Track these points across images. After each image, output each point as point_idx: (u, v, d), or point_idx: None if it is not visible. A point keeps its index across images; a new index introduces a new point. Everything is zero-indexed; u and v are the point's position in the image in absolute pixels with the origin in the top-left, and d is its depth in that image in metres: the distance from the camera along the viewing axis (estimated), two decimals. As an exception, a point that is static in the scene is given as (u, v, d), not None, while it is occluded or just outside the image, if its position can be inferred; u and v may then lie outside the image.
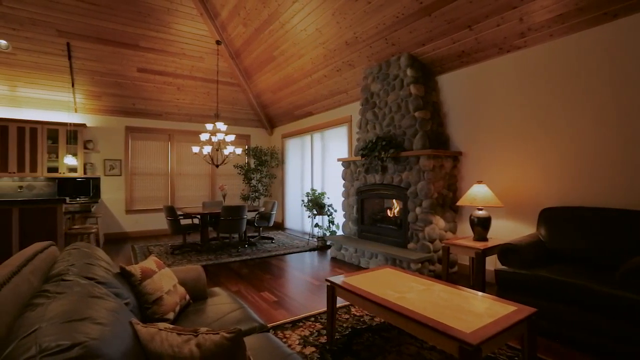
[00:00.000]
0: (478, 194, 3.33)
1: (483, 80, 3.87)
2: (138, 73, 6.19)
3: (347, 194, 5.20)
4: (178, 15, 5.51)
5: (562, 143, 3.21)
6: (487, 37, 3.51)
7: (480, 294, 2.07)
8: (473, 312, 1.79)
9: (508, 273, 2.70)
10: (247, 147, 8.25)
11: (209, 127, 5.48)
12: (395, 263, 4.01)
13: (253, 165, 7.96)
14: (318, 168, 6.85)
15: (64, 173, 6.09)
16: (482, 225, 3.33)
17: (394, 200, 4.53)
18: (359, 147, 4.93)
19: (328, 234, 5.83)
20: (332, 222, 5.81)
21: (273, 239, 6.34)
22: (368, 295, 2.07)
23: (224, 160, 5.81)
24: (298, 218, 7.51)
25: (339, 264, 4.63)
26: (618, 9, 2.75)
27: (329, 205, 5.81)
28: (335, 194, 6.20)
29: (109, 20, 5.26)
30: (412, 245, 4.08)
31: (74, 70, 5.76)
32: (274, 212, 6.03)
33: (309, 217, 6.27)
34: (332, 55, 5.06)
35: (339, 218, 6.02)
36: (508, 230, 3.62)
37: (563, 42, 3.18)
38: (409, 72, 4.18)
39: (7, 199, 3.25)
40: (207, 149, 5.56)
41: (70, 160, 6.12)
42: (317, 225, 5.98)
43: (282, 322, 2.71)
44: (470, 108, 4.01)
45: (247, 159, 8.19)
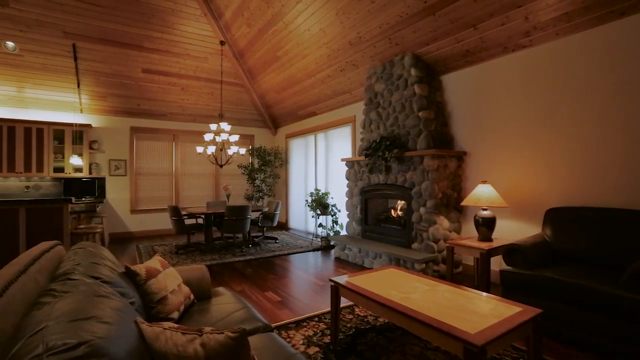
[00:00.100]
0: (482, 194, 3.31)
1: (487, 80, 3.85)
2: (143, 74, 6.23)
3: (350, 194, 5.19)
4: (182, 16, 5.54)
5: (567, 143, 3.19)
6: (491, 36, 3.49)
7: (485, 295, 2.05)
8: (478, 312, 1.78)
9: (513, 273, 2.69)
10: (251, 147, 8.26)
11: (213, 127, 5.50)
12: (399, 263, 4.00)
13: (257, 165, 7.98)
14: (322, 168, 6.84)
15: (70, 173, 6.15)
16: (486, 226, 3.31)
17: (398, 200, 4.52)
18: (363, 147, 4.92)
19: (332, 234, 5.83)
20: (335, 222, 5.81)
21: (277, 239, 6.35)
22: (372, 296, 2.07)
23: (228, 160, 5.83)
24: (302, 218, 7.51)
25: (343, 264, 4.63)
26: (625, 7, 2.72)
27: (333, 205, 5.81)
28: (339, 194, 6.20)
29: (114, 22, 5.29)
30: (416, 246, 4.06)
31: (80, 71, 5.80)
32: (278, 212, 6.03)
33: (313, 217, 6.28)
34: (335, 55, 5.06)
35: (343, 218, 6.02)
36: (513, 231, 3.60)
37: (569, 40, 3.15)
38: (413, 71, 4.17)
39: (14, 199, 3.28)
40: (211, 149, 5.59)
41: (76, 161, 6.17)
42: (320, 225, 5.98)
43: (286, 322, 2.71)
44: (475, 108, 3.99)
45: (251, 159, 8.21)
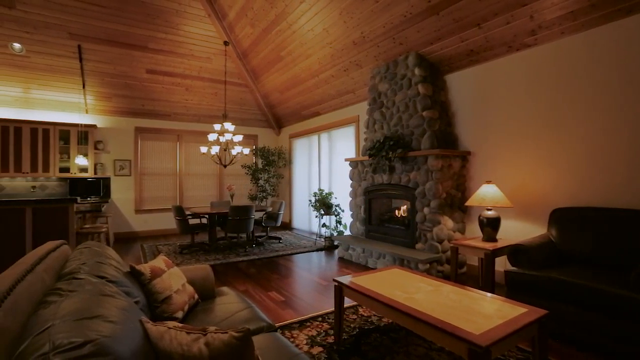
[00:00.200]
0: (487, 194, 3.29)
1: (492, 79, 3.83)
2: (147, 74, 6.26)
3: (354, 194, 5.18)
4: (186, 17, 5.56)
5: (572, 142, 3.16)
6: (496, 35, 3.47)
7: (490, 295, 2.04)
8: (482, 313, 1.77)
9: (518, 274, 2.67)
10: (254, 147, 8.28)
11: (217, 127, 5.51)
12: (403, 263, 3.99)
13: (260, 165, 8.00)
14: (325, 168, 6.84)
15: (75, 173, 6.20)
16: (491, 226, 3.29)
17: (402, 201, 4.51)
18: (367, 147, 4.91)
19: (335, 234, 5.83)
20: (339, 222, 5.80)
21: (280, 239, 6.35)
22: (376, 296, 2.06)
23: (232, 161, 5.84)
24: (305, 218, 7.51)
25: (347, 264, 4.62)
26: (632, 5, 2.69)
27: (337, 205, 5.80)
28: (343, 194, 6.19)
29: (119, 23, 5.33)
30: (420, 246, 4.05)
31: (85, 72, 5.85)
32: (282, 212, 6.04)
33: (317, 217, 6.27)
34: (339, 55, 5.05)
35: (347, 218, 6.01)
36: (518, 231, 3.57)
37: (574, 39, 3.12)
38: (417, 71, 4.15)
39: (21, 199, 3.31)
40: (215, 149, 5.60)
41: (81, 161, 6.22)
42: (324, 225, 5.98)
43: (289, 321, 2.71)
44: (479, 107, 3.97)
45: (254, 159, 8.22)
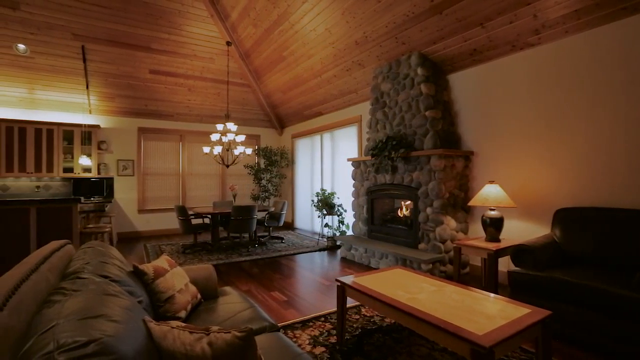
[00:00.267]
0: (490, 194, 3.28)
1: (495, 79, 3.81)
2: (150, 75, 6.29)
3: (357, 194, 5.18)
4: (189, 17, 5.58)
5: (576, 142, 3.14)
6: (499, 34, 3.46)
7: (493, 296, 2.03)
8: (485, 313, 1.76)
9: (521, 274, 2.66)
10: (257, 147, 8.29)
11: (220, 127, 5.52)
12: (406, 263, 3.98)
13: (263, 165, 8.00)
14: (328, 168, 6.84)
15: (79, 173, 6.23)
16: (494, 226, 3.28)
17: (405, 201, 4.50)
18: (369, 146, 4.91)
19: (338, 234, 5.82)
20: (342, 222, 5.80)
21: (283, 239, 6.36)
22: (378, 296, 2.06)
23: (234, 161, 5.85)
24: (308, 218, 7.51)
25: (349, 264, 4.62)
26: (637, 4, 2.67)
27: (339, 205, 5.80)
28: (345, 194, 6.19)
29: (122, 23, 5.35)
30: (422, 246, 4.04)
31: (89, 73, 5.88)
32: (284, 212, 6.05)
33: (319, 217, 6.28)
34: (341, 55, 5.05)
35: (349, 218, 6.00)
36: (521, 231, 3.55)
37: (578, 38, 3.10)
38: (420, 71, 4.14)
39: (25, 199, 3.34)
40: (217, 149, 5.62)
41: (85, 161, 6.25)
42: (327, 225, 5.97)
43: (292, 321, 2.72)
44: (482, 107, 3.96)
45: (257, 159, 8.23)
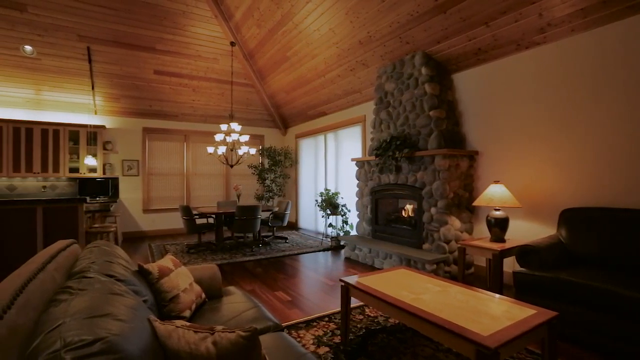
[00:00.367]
0: (495, 194, 3.26)
1: (500, 78, 3.79)
2: (155, 75, 6.32)
3: (361, 194, 5.17)
4: (193, 18, 5.60)
5: (582, 142, 3.11)
6: (504, 33, 3.43)
7: (498, 296, 2.02)
8: (490, 314, 1.75)
9: (527, 275, 2.64)
10: (261, 147, 8.31)
11: (224, 127, 5.54)
12: (410, 264, 3.97)
13: (267, 165, 8.02)
14: (332, 168, 6.84)
15: (85, 173, 6.28)
16: (499, 226, 3.26)
17: (409, 201, 4.49)
18: (373, 146, 4.90)
19: (342, 234, 5.82)
20: (345, 222, 5.80)
21: (287, 239, 6.37)
22: (382, 296, 2.05)
23: (238, 161, 5.87)
24: (312, 218, 7.52)
25: (353, 264, 4.61)
26: (644, 2, 2.64)
27: (343, 205, 5.79)
28: (349, 194, 6.18)
29: (127, 24, 5.39)
30: (427, 246, 4.02)
31: (94, 74, 5.93)
32: (288, 212, 6.05)
33: (323, 217, 6.27)
34: (345, 55, 5.05)
35: (353, 218, 6.00)
36: (526, 232, 3.53)
37: (584, 37, 3.07)
38: (424, 70, 4.13)
39: (32, 199, 3.37)
40: (221, 150, 5.64)
41: (90, 161, 6.30)
42: (330, 225, 5.97)
43: (296, 321, 2.72)
44: (487, 107, 3.93)
45: (261, 159, 8.25)
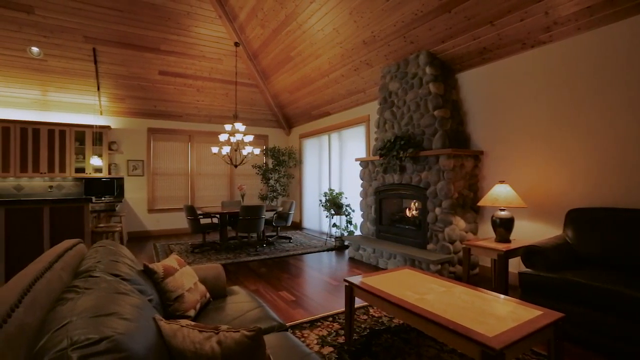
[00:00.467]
0: (500, 194, 3.24)
1: (505, 78, 3.76)
2: (159, 76, 6.36)
3: (365, 194, 5.16)
4: (197, 19, 5.63)
5: (589, 141, 3.08)
6: (509, 32, 3.41)
7: (503, 297, 2.01)
8: (496, 315, 1.74)
9: (532, 276, 2.62)
10: (265, 147, 8.32)
11: (228, 127, 5.56)
12: (414, 264, 3.95)
13: (271, 165, 8.03)
14: (336, 168, 6.83)
15: (90, 173, 6.33)
16: (504, 226, 3.24)
17: (413, 201, 4.47)
18: (377, 146, 4.89)
19: (346, 234, 5.81)
20: (350, 222, 5.79)
21: (291, 239, 6.37)
22: (387, 296, 2.05)
23: (243, 161, 5.89)
24: (316, 218, 7.52)
25: (357, 264, 4.61)
26: (652, 0, 2.61)
27: (347, 205, 5.79)
28: (353, 194, 6.18)
29: (132, 25, 5.42)
30: (431, 246, 4.01)
31: (99, 75, 5.97)
32: (292, 211, 6.06)
33: (327, 217, 6.27)
34: (349, 55, 5.04)
35: (357, 218, 5.99)
36: (532, 232, 3.50)
37: (590, 36, 3.04)
38: (428, 70, 4.11)
39: (39, 199, 3.41)
40: (225, 150, 5.65)
41: (96, 161, 6.35)
42: (334, 225, 5.97)
43: (300, 321, 2.72)
44: (492, 106, 3.91)
45: (265, 159, 8.27)
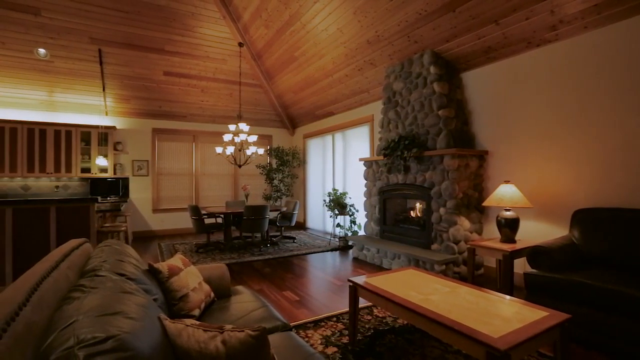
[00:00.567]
0: (505, 194, 3.22)
1: (510, 77, 3.74)
2: (164, 76, 6.39)
3: (369, 194, 5.15)
4: (202, 19, 5.65)
5: (595, 141, 3.05)
6: (515, 31, 3.39)
7: (508, 298, 1.99)
8: (501, 316, 1.73)
9: (538, 276, 2.60)
10: (269, 147, 8.34)
11: (232, 127, 5.58)
12: (419, 264, 3.94)
13: (275, 166, 8.05)
14: (340, 168, 6.83)
15: (96, 173, 6.38)
16: (509, 227, 3.22)
17: (417, 201, 4.45)
18: (381, 146, 4.88)
19: (350, 234, 5.81)
20: (354, 222, 5.78)
21: (295, 239, 6.38)
22: (391, 297, 2.04)
23: (247, 161, 5.90)
24: (320, 218, 7.52)
25: (361, 264, 4.60)
26: (660, -2, 2.58)
27: (351, 205, 5.78)
28: (357, 194, 6.17)
29: (137, 26, 5.46)
30: (436, 247, 3.99)
31: (105, 75, 6.02)
32: (296, 211, 6.06)
33: (331, 217, 6.27)
34: (353, 55, 5.03)
35: (361, 218, 5.98)
36: (538, 232, 3.48)
37: (598, 34, 3.01)
38: (433, 69, 4.09)
39: (46, 198, 3.44)
40: (230, 150, 5.67)
41: (102, 161, 6.40)
42: (338, 225, 5.96)
43: (304, 321, 2.72)
44: (497, 106, 3.88)
45: (269, 159, 8.28)
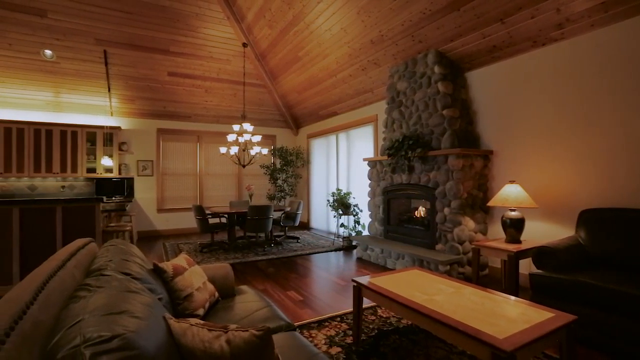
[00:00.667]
0: (510, 194, 3.20)
1: (516, 76, 3.71)
2: (169, 77, 6.43)
3: (373, 194, 5.14)
4: (206, 20, 5.67)
5: (602, 141, 3.02)
6: (520, 30, 3.36)
7: (514, 299, 1.98)
8: (506, 317, 1.72)
9: (544, 277, 2.57)
10: (273, 147, 8.35)
11: (236, 128, 5.59)
12: (423, 264, 3.92)
13: (279, 165, 8.06)
14: (343, 168, 6.82)
15: (101, 173, 6.43)
16: (514, 227, 3.20)
17: (422, 201, 4.44)
18: (385, 146, 4.86)
19: (354, 234, 5.80)
20: (357, 222, 5.78)
21: (299, 239, 6.38)
22: (395, 297, 2.04)
23: (251, 161, 5.92)
24: (323, 218, 7.52)
25: (365, 265, 4.59)
26: (668, -5, 2.55)
27: (355, 205, 5.77)
28: (361, 194, 6.16)
29: (142, 27, 5.49)
30: (440, 247, 3.97)
31: (110, 76, 6.06)
32: (300, 211, 6.06)
33: (335, 217, 6.27)
34: (357, 55, 5.03)
35: (365, 218, 5.97)
36: (543, 233, 3.45)
37: (604, 32, 2.98)
38: (437, 69, 4.08)
39: (52, 198, 3.48)
40: (234, 150, 5.69)
41: (107, 162, 6.45)
42: (342, 225, 5.96)
43: (308, 321, 2.72)
44: (502, 105, 3.86)
45: (273, 159, 8.30)
